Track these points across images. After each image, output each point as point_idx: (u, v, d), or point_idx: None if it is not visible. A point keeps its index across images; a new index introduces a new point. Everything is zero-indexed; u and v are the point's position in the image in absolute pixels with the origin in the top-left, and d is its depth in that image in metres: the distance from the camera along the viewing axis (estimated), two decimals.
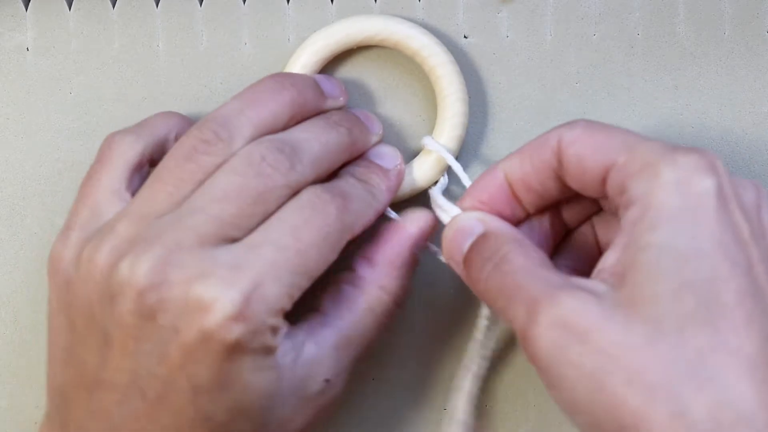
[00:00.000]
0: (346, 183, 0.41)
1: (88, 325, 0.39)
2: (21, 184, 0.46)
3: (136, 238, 0.38)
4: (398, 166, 0.43)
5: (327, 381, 0.40)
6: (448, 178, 0.45)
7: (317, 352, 0.40)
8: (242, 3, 0.46)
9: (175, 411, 0.37)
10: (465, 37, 0.46)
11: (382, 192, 0.42)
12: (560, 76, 0.46)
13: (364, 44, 0.45)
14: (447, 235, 0.40)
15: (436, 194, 0.43)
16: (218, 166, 0.39)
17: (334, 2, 0.46)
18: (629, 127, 0.45)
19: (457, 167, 0.44)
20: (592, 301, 0.35)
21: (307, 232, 0.38)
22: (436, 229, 0.42)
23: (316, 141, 0.41)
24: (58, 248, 0.40)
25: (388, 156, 0.43)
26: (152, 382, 0.37)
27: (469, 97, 0.45)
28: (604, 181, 0.38)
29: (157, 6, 0.46)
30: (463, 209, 0.41)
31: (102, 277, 0.38)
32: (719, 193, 0.35)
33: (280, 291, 0.37)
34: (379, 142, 0.44)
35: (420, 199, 0.44)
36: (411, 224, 0.42)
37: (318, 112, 0.43)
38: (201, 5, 0.46)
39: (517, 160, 0.40)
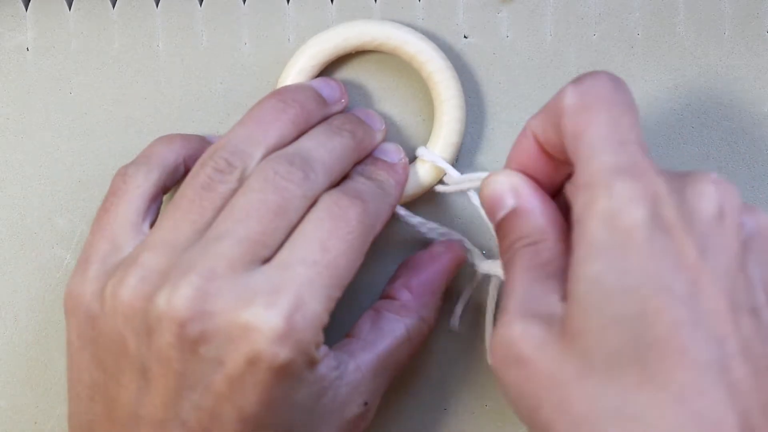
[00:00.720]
0: (358, 183, 0.41)
1: (118, 360, 0.39)
2: (21, 184, 0.46)
3: (166, 269, 0.38)
4: (402, 160, 0.44)
5: (366, 404, 0.41)
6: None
7: (359, 374, 0.40)
8: (242, 3, 0.46)
9: None
10: (465, 37, 0.46)
11: (392, 186, 0.43)
12: (560, 76, 0.46)
13: (361, 49, 0.45)
14: (482, 197, 0.40)
15: (453, 174, 0.44)
16: (234, 191, 0.40)
17: (334, 2, 0.46)
18: None
19: (454, 174, 0.44)
20: (539, 330, 0.36)
21: (333, 243, 0.39)
22: (465, 259, 0.44)
23: (324, 148, 0.41)
24: (77, 283, 0.40)
25: (391, 151, 0.44)
26: (197, 414, 0.38)
27: (469, 98, 0.46)
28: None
29: (157, 6, 0.46)
30: None
31: (133, 311, 0.38)
32: (653, 223, 0.34)
33: (319, 306, 0.38)
34: (384, 138, 0.44)
35: (417, 204, 0.45)
36: (446, 253, 0.44)
37: (322, 120, 0.43)
38: (201, 5, 0.46)
39: (539, 118, 0.39)
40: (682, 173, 0.37)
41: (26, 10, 0.46)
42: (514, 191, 0.39)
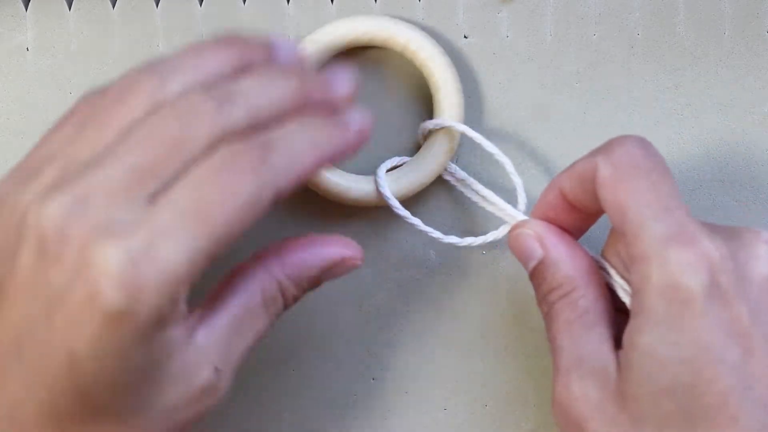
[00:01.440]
0: (278, 131, 0.36)
1: None
2: None
3: (52, 182, 0.35)
4: (363, 122, 0.37)
5: (217, 370, 0.37)
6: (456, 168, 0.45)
7: (209, 338, 0.37)
8: (242, 3, 0.46)
9: (51, 382, 0.34)
10: (465, 37, 0.46)
11: (327, 141, 0.36)
12: (560, 76, 0.46)
13: (354, 45, 0.45)
14: (511, 246, 0.41)
15: (491, 196, 0.44)
16: (147, 113, 0.35)
17: (334, 2, 0.46)
18: (629, 127, 0.45)
19: (475, 135, 0.44)
20: (595, 390, 0.37)
21: (212, 191, 0.34)
22: (354, 266, 0.41)
23: (257, 85, 0.36)
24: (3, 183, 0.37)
25: (355, 114, 0.38)
26: (33, 346, 0.35)
27: (469, 98, 0.46)
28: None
29: (157, 6, 0.46)
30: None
31: (14, 221, 0.35)
32: (709, 292, 0.35)
33: (176, 257, 0.33)
34: (349, 104, 0.38)
35: (425, 195, 0.45)
36: (338, 248, 0.40)
37: None
38: (201, 5, 0.46)
39: (567, 178, 0.40)
40: (732, 231, 0.37)
41: (26, 10, 0.46)
42: (541, 241, 0.40)
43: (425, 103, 0.46)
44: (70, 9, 0.46)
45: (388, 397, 0.46)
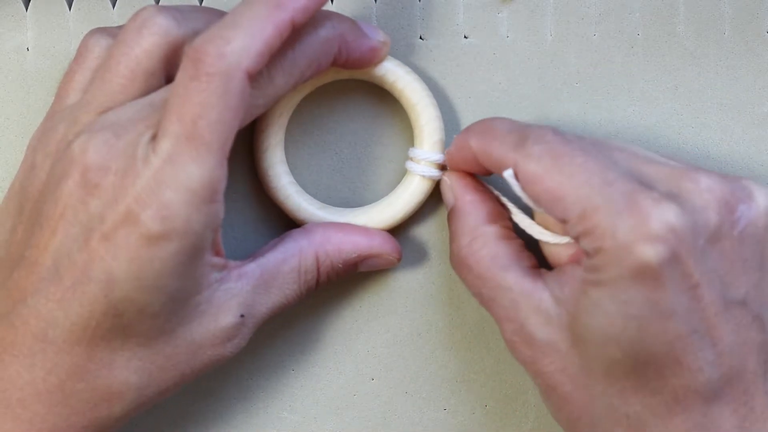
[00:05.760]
0: (227, 16, 0.38)
1: (33, 208, 0.39)
2: None
3: (92, 121, 0.39)
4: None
5: (242, 318, 0.40)
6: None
7: (240, 282, 0.40)
8: None
9: (87, 302, 0.37)
10: (465, 37, 0.46)
11: (282, 4, 0.38)
12: (560, 76, 0.46)
13: (325, 82, 0.44)
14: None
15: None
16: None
17: (334, 2, 0.46)
18: (629, 127, 0.45)
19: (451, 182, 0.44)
20: (542, 327, 0.40)
21: (188, 109, 0.37)
22: (392, 263, 0.44)
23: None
24: (41, 129, 0.41)
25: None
26: (71, 268, 0.37)
27: (469, 98, 0.46)
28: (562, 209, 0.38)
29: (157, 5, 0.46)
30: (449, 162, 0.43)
31: (59, 156, 0.39)
32: (660, 256, 0.36)
33: (188, 179, 0.37)
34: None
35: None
36: (380, 241, 0.43)
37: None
38: (200, 5, 0.46)
39: (481, 152, 0.41)
40: (676, 179, 0.38)
41: (26, 10, 0.46)
42: (452, 191, 0.43)
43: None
44: (70, 9, 0.46)
45: (388, 397, 0.46)
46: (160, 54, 0.39)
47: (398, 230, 0.45)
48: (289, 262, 0.41)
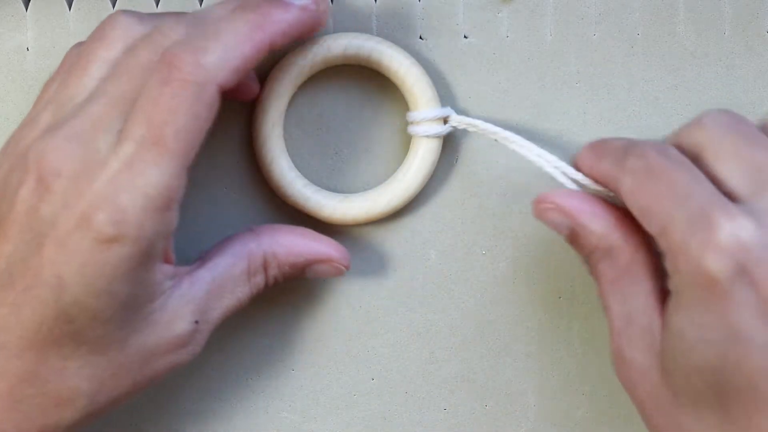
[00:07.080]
0: (209, 26, 0.39)
1: None
2: None
3: (53, 121, 0.38)
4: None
5: (195, 324, 0.40)
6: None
7: (192, 289, 0.40)
8: None
9: (38, 307, 0.37)
10: (465, 37, 0.46)
11: (264, 23, 0.38)
12: (560, 76, 0.46)
13: (327, 65, 0.44)
14: (538, 218, 0.41)
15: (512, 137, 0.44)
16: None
17: (334, 2, 0.46)
18: (630, 127, 0.45)
19: (463, 119, 0.44)
20: (642, 353, 0.38)
21: (157, 115, 0.37)
22: (339, 271, 0.43)
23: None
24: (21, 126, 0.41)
25: None
26: (24, 273, 0.37)
27: (469, 98, 0.46)
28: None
29: (156, 6, 0.46)
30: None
31: (18, 163, 0.38)
32: (734, 275, 0.34)
33: (145, 185, 0.36)
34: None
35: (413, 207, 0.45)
36: (329, 248, 0.43)
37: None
38: (200, 5, 0.46)
39: (589, 171, 0.41)
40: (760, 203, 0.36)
41: (26, 10, 0.46)
42: (563, 212, 0.40)
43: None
44: (70, 9, 0.46)
45: (388, 397, 0.46)
46: (122, 48, 0.39)
47: (398, 230, 0.45)
48: (238, 265, 0.41)
